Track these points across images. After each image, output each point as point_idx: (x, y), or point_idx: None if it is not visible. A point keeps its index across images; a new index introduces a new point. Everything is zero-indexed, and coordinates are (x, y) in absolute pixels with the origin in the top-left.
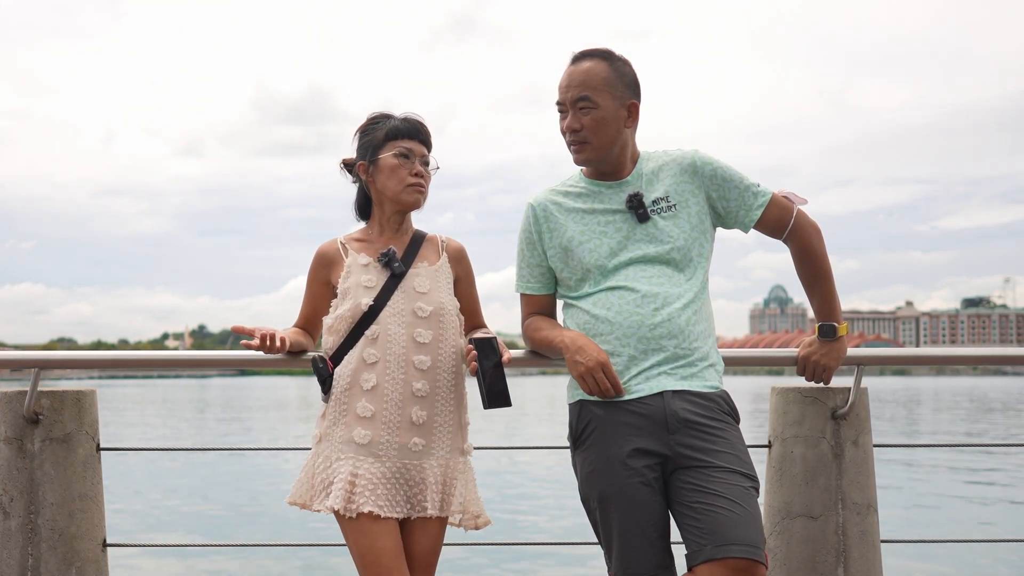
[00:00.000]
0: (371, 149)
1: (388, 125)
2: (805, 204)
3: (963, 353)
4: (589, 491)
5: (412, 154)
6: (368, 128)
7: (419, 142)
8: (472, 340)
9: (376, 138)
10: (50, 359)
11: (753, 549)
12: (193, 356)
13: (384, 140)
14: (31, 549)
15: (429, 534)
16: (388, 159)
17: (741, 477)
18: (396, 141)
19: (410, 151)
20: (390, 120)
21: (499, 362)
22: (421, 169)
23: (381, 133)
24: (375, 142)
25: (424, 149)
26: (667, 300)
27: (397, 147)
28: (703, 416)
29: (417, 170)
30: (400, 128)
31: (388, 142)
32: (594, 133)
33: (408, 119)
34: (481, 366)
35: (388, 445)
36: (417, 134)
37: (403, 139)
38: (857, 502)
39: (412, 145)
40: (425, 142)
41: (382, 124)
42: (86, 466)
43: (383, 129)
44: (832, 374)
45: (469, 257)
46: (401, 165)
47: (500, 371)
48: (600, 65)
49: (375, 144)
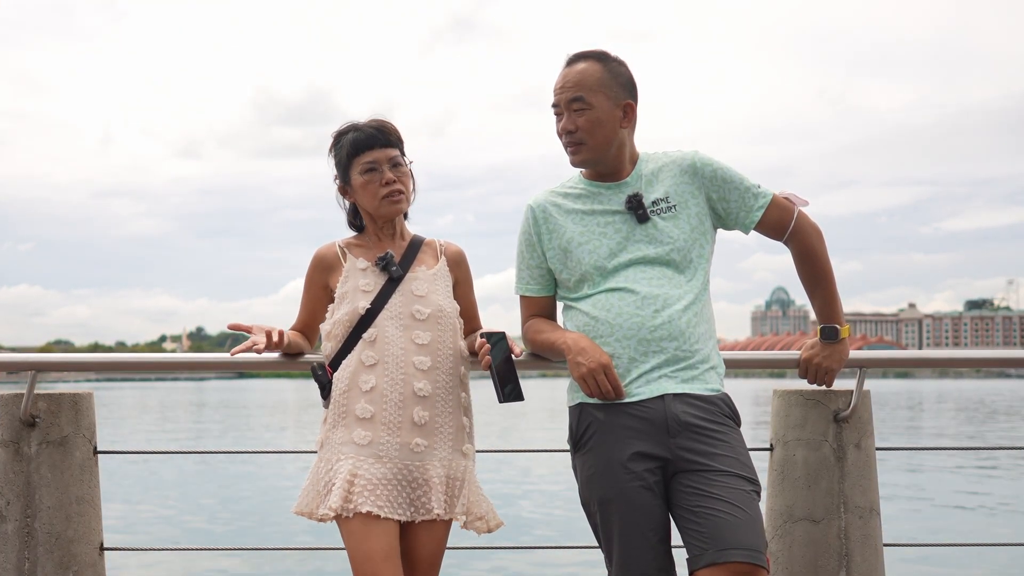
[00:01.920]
0: (341, 170)
1: (349, 141)
2: (806, 205)
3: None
4: (589, 495)
5: (378, 164)
6: (334, 147)
7: (381, 147)
8: (484, 334)
9: (341, 158)
10: (47, 361)
11: (754, 553)
12: (191, 359)
13: (348, 159)
14: (28, 553)
15: (434, 536)
16: (356, 177)
17: (742, 481)
18: (358, 157)
19: (375, 162)
20: (349, 134)
21: (510, 356)
22: (391, 176)
23: (344, 152)
24: (342, 162)
25: (390, 151)
26: (667, 302)
27: (361, 163)
28: (704, 419)
29: (387, 178)
30: (359, 141)
31: (352, 159)
32: (589, 134)
33: (363, 128)
34: (495, 360)
35: (389, 446)
36: (376, 140)
37: (364, 152)
38: (859, 505)
39: (375, 155)
40: (388, 143)
41: (344, 141)
42: (83, 469)
43: (346, 147)
44: (834, 377)
45: (468, 261)
46: (369, 180)
47: (512, 365)
48: (594, 66)
49: (343, 164)
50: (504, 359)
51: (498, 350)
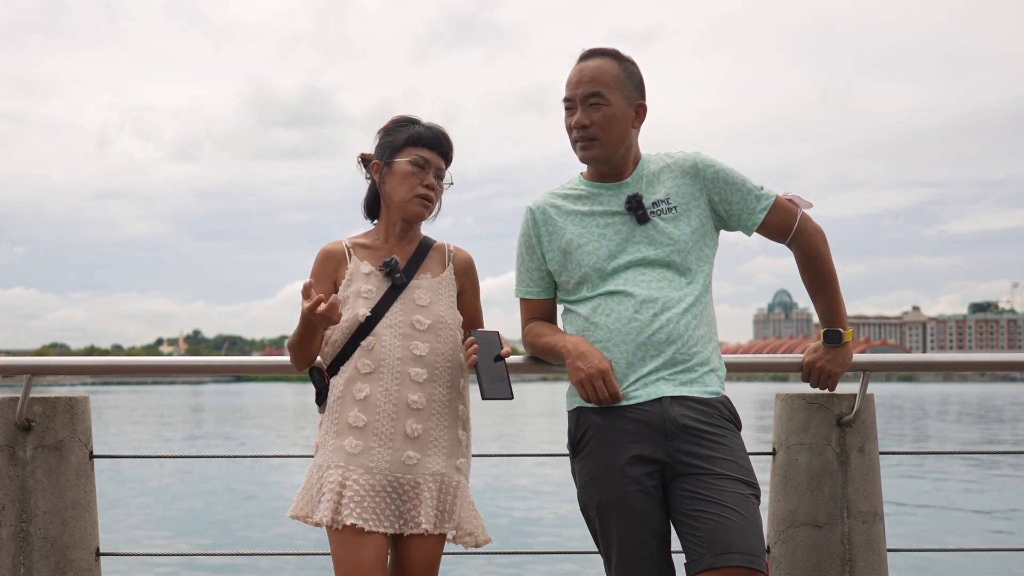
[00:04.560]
0: (389, 151)
1: (411, 131)
2: (810, 207)
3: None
4: (588, 499)
5: (428, 164)
6: (391, 129)
7: (438, 154)
8: (472, 332)
9: (396, 141)
10: (42, 365)
11: (753, 558)
12: (187, 362)
13: (403, 145)
14: (23, 558)
15: (424, 550)
16: (403, 164)
17: (741, 484)
18: (415, 148)
19: (427, 161)
20: (414, 126)
21: (499, 355)
22: (433, 181)
23: (402, 137)
24: (394, 144)
25: (442, 162)
26: (666, 305)
27: (414, 154)
28: (702, 422)
29: (429, 181)
30: (422, 136)
31: (407, 147)
32: (604, 130)
33: (432, 128)
34: (481, 357)
35: (380, 457)
36: (438, 145)
37: (422, 147)
38: (863, 510)
39: (430, 155)
40: (445, 155)
41: (405, 128)
42: (79, 474)
43: (405, 133)
44: (837, 380)
45: (476, 269)
46: (414, 173)
47: (501, 363)
48: (610, 63)
49: (394, 147)
50: (493, 357)
51: (485, 348)
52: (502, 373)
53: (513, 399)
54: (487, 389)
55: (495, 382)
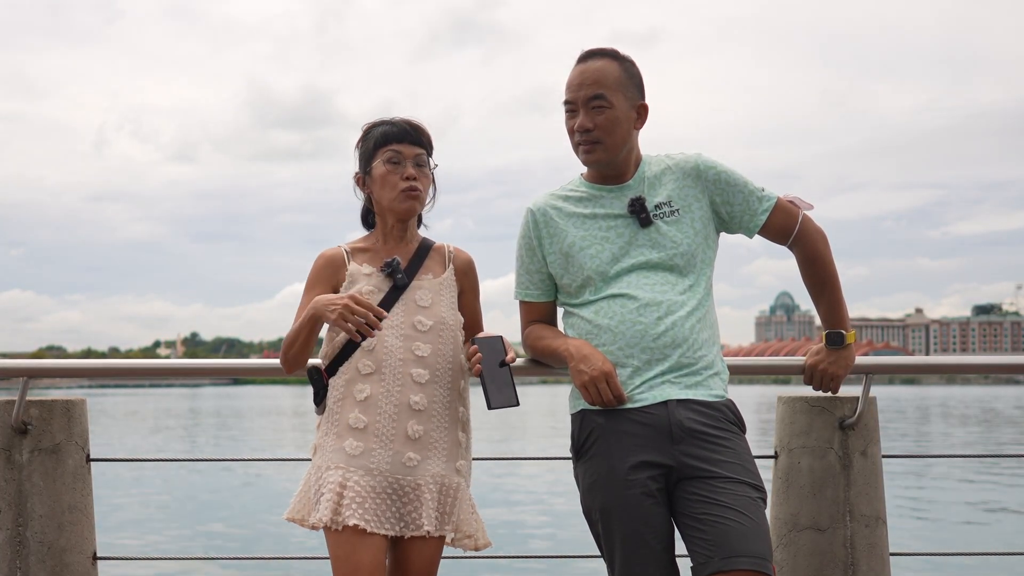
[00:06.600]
0: (364, 160)
1: (376, 133)
2: (811, 209)
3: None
4: (591, 503)
5: (402, 157)
6: (362, 140)
7: (410, 143)
8: (475, 339)
9: (367, 148)
10: (39, 368)
11: (761, 561)
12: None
13: (374, 149)
14: (19, 562)
15: (425, 552)
16: (378, 167)
17: (748, 487)
18: (385, 147)
19: (399, 154)
20: (379, 127)
21: (504, 361)
22: (413, 171)
23: (371, 143)
24: (367, 152)
25: (417, 149)
26: (670, 308)
27: (385, 153)
28: (708, 425)
29: (408, 173)
30: (387, 133)
31: (377, 150)
32: (607, 133)
33: (395, 122)
34: (485, 365)
35: (381, 458)
36: (407, 135)
37: (391, 144)
38: (865, 514)
39: (401, 148)
40: (417, 142)
41: (372, 133)
42: (76, 477)
43: (372, 138)
44: (840, 383)
45: (476, 270)
46: (391, 171)
47: (505, 369)
48: (611, 64)
49: (367, 155)
50: (497, 364)
51: (489, 354)
52: (507, 379)
53: (519, 406)
54: (493, 398)
55: (501, 390)
